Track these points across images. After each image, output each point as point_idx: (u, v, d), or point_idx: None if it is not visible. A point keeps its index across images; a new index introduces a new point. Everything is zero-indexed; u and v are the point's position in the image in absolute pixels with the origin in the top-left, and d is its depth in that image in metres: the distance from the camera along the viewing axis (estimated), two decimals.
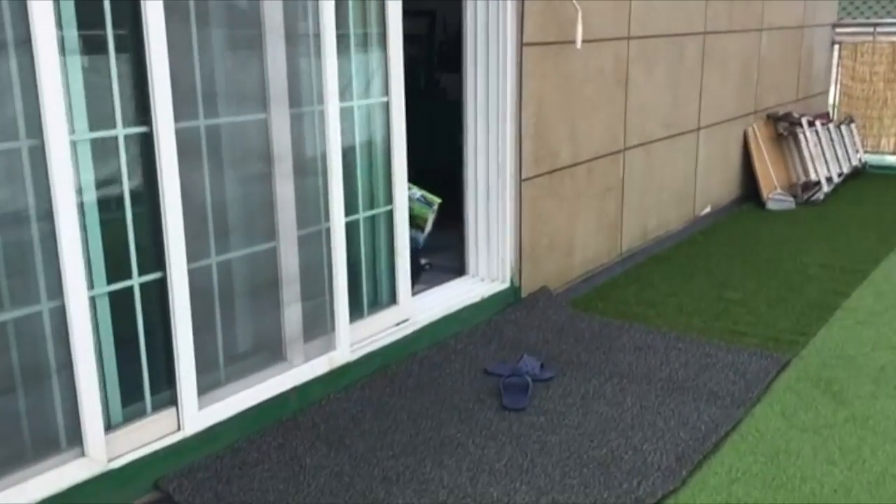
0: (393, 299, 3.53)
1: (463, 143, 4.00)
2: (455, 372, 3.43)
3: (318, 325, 3.13)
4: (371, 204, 3.40)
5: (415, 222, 3.87)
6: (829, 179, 6.61)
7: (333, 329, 3.16)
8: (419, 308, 3.66)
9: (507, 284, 4.04)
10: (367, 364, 3.30)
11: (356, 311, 3.35)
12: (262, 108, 2.82)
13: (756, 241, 5.42)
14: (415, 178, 3.75)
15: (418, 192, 4.08)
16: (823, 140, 6.73)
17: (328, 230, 3.07)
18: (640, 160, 4.96)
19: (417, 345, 3.55)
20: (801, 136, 6.48)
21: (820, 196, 6.40)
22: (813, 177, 6.47)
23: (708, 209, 5.88)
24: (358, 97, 3.25)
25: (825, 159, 6.68)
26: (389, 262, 3.49)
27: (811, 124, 6.66)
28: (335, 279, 3.11)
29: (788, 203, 6.24)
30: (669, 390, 3.28)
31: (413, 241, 3.72)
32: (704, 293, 4.43)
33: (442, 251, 4.48)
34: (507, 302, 4.05)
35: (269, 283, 2.95)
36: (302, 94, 2.95)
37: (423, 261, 4.31)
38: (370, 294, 3.47)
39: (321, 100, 2.98)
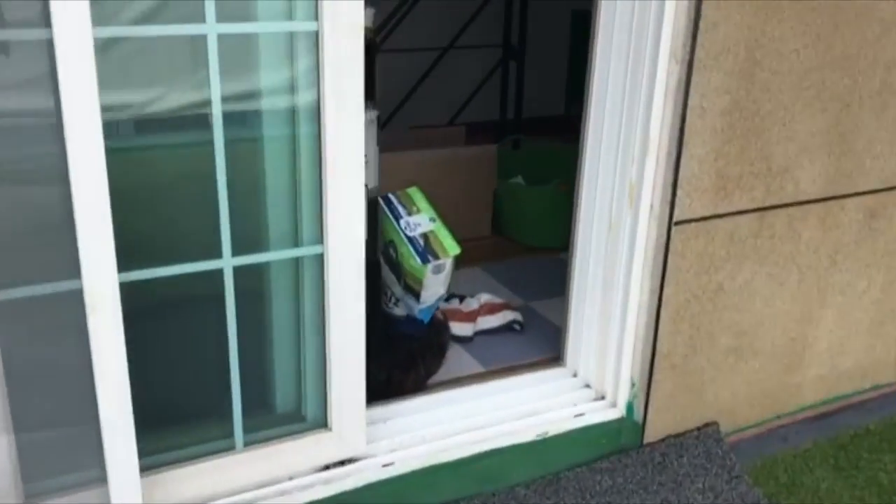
0: (323, 420, 1.83)
1: (581, 135, 2.08)
2: None
3: (59, 476, 1.58)
4: (279, 239, 1.71)
5: (404, 281, 2.01)
6: None
7: (104, 482, 1.58)
8: (392, 437, 1.91)
9: (618, 411, 2.09)
10: None
11: (216, 442, 1.73)
12: None
13: None
14: None
15: (425, 225, 2.03)
16: None
17: (77, 293, 1.46)
18: None
19: None
20: None
21: None
22: None
23: None
24: (230, 16, 1.54)
25: None
26: (318, 352, 1.79)
27: None
28: (99, 389, 1.51)
29: None
30: None
31: (405, 307, 1.96)
32: None
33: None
34: (613, 446, 2.09)
35: None
36: None
37: (511, 317, 2.52)
38: (269, 409, 1.82)
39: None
